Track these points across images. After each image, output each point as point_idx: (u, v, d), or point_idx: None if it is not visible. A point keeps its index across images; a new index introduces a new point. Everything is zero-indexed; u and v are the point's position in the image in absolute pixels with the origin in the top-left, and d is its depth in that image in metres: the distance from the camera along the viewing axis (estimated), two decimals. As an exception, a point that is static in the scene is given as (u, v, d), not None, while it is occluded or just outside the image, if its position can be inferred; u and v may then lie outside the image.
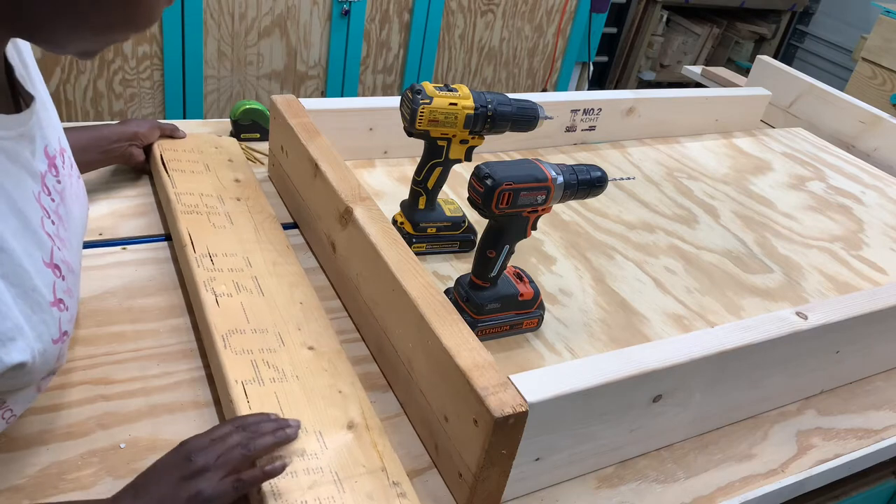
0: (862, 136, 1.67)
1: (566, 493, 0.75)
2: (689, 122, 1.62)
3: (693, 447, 0.83)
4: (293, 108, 1.09)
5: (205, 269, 0.86)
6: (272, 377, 0.75)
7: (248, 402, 0.71)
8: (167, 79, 2.03)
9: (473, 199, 0.82)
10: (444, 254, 1.06)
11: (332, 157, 0.97)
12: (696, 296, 1.08)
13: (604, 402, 0.71)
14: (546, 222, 1.18)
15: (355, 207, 0.88)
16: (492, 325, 0.90)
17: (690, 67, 2.04)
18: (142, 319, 0.85)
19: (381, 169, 1.26)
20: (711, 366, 0.77)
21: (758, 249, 1.23)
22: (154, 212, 1.04)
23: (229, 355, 0.75)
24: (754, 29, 3.83)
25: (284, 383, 0.74)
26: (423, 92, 0.93)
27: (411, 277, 0.77)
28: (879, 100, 2.79)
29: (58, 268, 0.62)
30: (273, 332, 0.81)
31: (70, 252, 0.66)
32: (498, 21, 2.50)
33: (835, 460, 0.85)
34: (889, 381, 1.00)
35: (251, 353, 0.77)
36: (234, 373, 0.74)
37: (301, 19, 2.14)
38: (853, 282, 1.19)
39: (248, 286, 0.86)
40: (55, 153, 0.67)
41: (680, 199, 1.35)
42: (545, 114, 0.99)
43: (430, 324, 0.71)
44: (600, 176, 0.86)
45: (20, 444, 0.68)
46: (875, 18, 2.83)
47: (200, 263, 0.87)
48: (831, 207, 1.42)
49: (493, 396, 0.64)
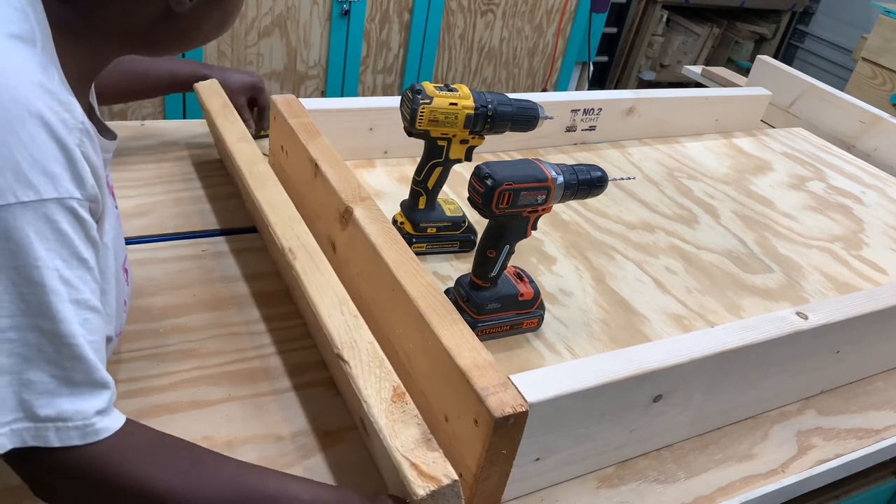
0: (862, 136, 1.67)
1: (566, 493, 0.75)
2: (689, 122, 1.62)
3: (693, 447, 0.83)
4: (293, 108, 1.09)
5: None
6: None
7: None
8: (167, 79, 2.03)
9: (473, 199, 0.82)
10: (444, 254, 1.06)
11: (332, 157, 0.97)
12: (697, 296, 1.08)
13: (604, 402, 0.71)
14: (546, 222, 1.18)
15: (355, 207, 0.88)
16: (492, 325, 0.90)
17: (690, 67, 2.04)
18: (142, 319, 0.85)
19: (381, 169, 1.26)
20: (711, 366, 0.77)
21: (758, 249, 1.23)
22: (154, 212, 1.04)
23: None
24: (754, 29, 3.83)
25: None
26: (423, 92, 0.93)
27: (411, 277, 0.77)
28: (879, 100, 2.79)
29: (126, 272, 0.69)
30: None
31: (128, 265, 0.73)
32: (498, 21, 2.50)
33: (835, 460, 0.85)
34: (889, 381, 1.00)
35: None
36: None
37: (301, 19, 2.14)
38: (853, 282, 1.18)
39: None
40: (111, 185, 0.72)
41: (680, 199, 1.35)
42: (545, 114, 0.99)
43: (430, 324, 0.71)
44: (600, 176, 0.86)
45: (20, 445, 0.68)
46: (875, 18, 2.83)
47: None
48: (831, 207, 1.42)
49: (494, 396, 0.64)
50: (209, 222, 1.05)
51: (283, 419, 0.76)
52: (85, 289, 0.53)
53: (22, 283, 0.50)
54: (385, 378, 0.68)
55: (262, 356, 0.84)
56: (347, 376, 0.68)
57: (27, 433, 0.51)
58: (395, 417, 0.64)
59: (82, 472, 0.53)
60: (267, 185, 0.93)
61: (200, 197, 1.10)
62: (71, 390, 0.52)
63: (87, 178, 0.54)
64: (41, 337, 0.51)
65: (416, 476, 0.60)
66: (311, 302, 0.75)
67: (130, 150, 1.18)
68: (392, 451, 0.61)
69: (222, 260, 0.97)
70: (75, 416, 0.52)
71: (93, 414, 0.53)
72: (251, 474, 0.60)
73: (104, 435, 0.53)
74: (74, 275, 0.52)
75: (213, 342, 0.84)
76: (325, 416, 0.78)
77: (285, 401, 0.79)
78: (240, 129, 1.04)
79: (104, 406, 0.54)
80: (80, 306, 0.52)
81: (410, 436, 0.63)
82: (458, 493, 0.60)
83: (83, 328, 0.52)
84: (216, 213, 1.07)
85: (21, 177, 0.49)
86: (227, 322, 0.87)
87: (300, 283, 0.78)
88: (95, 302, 0.54)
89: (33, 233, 0.50)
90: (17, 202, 0.49)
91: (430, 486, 0.59)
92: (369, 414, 0.64)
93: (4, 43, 0.53)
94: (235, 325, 0.87)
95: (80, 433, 0.52)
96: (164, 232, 1.00)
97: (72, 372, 0.52)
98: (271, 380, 0.81)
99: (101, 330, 0.55)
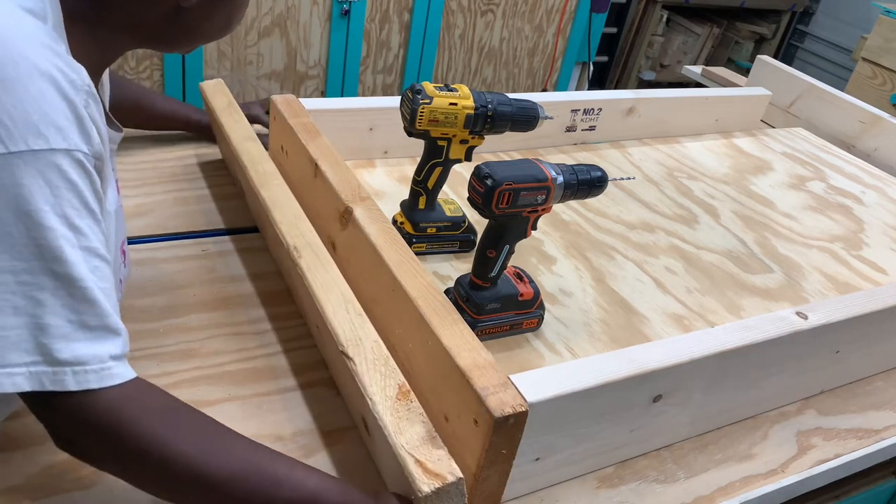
0: (862, 136, 1.67)
1: (566, 493, 0.75)
2: (689, 122, 1.62)
3: (693, 447, 0.83)
4: (293, 107, 1.09)
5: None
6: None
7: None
8: (167, 79, 2.03)
9: (473, 199, 0.82)
10: (444, 254, 1.06)
11: (332, 157, 0.97)
12: (697, 296, 1.08)
13: (604, 402, 0.71)
14: (546, 222, 1.18)
15: (355, 207, 0.88)
16: (492, 325, 0.90)
17: (690, 67, 2.04)
18: (142, 319, 0.85)
19: (381, 169, 1.26)
20: (711, 366, 0.77)
21: (758, 249, 1.23)
22: (154, 212, 1.04)
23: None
24: (754, 29, 3.83)
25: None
26: (423, 92, 0.93)
27: (411, 277, 0.77)
28: (879, 100, 2.79)
29: (124, 254, 0.71)
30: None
31: (126, 248, 0.74)
32: (498, 21, 2.50)
33: (835, 460, 0.85)
34: (889, 381, 1.00)
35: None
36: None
37: (301, 19, 2.13)
38: (853, 282, 1.19)
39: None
40: (117, 177, 0.74)
41: (680, 199, 1.35)
42: (545, 114, 0.99)
43: (430, 324, 0.71)
44: (600, 176, 0.86)
45: (20, 444, 0.68)
46: (875, 18, 2.83)
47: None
48: (831, 207, 1.42)
49: (494, 396, 0.64)
50: (209, 222, 1.05)
51: (283, 419, 0.76)
52: (94, 237, 0.54)
53: (34, 228, 0.51)
54: (390, 376, 0.68)
55: (263, 356, 0.84)
56: (352, 374, 0.68)
57: (45, 377, 0.52)
58: (401, 415, 0.64)
59: (99, 420, 0.54)
60: (272, 183, 0.93)
61: (201, 197, 1.10)
62: (86, 335, 0.53)
63: (94, 136, 0.55)
64: (55, 280, 0.52)
65: (422, 473, 0.60)
66: (315, 299, 0.75)
67: (131, 150, 1.18)
68: (397, 449, 0.61)
69: (222, 260, 0.97)
70: (92, 360, 0.53)
71: (108, 358, 0.54)
72: (262, 455, 0.61)
73: (120, 380, 0.54)
74: (84, 223, 0.54)
75: (213, 342, 0.84)
76: (326, 416, 0.78)
77: (286, 400, 0.79)
78: (245, 128, 1.04)
79: (119, 352, 0.55)
80: (90, 253, 0.54)
81: (416, 433, 0.63)
82: (462, 492, 0.61)
83: (94, 275, 0.53)
84: (216, 212, 1.07)
85: (32, 127, 0.51)
86: (227, 322, 0.87)
87: (305, 281, 0.78)
88: (104, 251, 0.55)
89: (43, 180, 0.51)
90: (27, 150, 0.51)
91: (434, 484, 0.59)
92: (374, 411, 0.64)
93: (15, 11, 0.55)
94: (235, 325, 0.87)
95: (98, 376, 0.53)
96: (165, 232, 1.00)
97: (86, 316, 0.53)
98: (272, 379, 0.81)
99: (110, 278, 0.56)
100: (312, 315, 0.77)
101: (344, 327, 0.72)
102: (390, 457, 0.62)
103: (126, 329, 0.56)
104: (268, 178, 0.94)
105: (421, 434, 0.63)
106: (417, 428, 0.63)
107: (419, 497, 0.58)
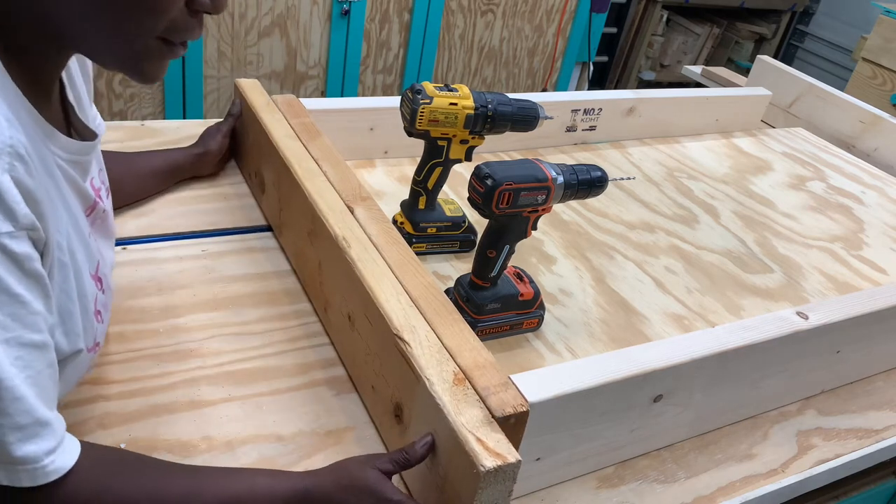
0: (862, 136, 1.67)
1: (566, 493, 0.75)
2: (689, 122, 1.62)
3: (693, 447, 0.83)
4: (293, 108, 1.09)
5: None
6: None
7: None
8: (167, 79, 2.03)
9: (473, 199, 0.82)
10: (444, 254, 1.06)
11: (332, 157, 0.97)
12: (697, 296, 1.08)
13: (604, 402, 0.71)
14: (546, 222, 1.18)
15: (355, 207, 0.88)
16: (492, 325, 0.90)
17: (690, 67, 2.04)
18: (142, 319, 0.85)
19: (381, 169, 1.26)
20: (712, 366, 0.77)
21: (758, 249, 1.23)
22: (154, 212, 1.04)
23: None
24: (754, 29, 3.83)
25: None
26: (423, 92, 0.93)
27: (411, 277, 0.77)
28: (879, 100, 2.79)
29: (100, 281, 0.66)
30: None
31: (106, 270, 0.70)
32: (498, 21, 2.50)
33: (835, 460, 0.85)
34: (889, 381, 1.00)
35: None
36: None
37: (301, 19, 2.13)
38: (853, 282, 1.19)
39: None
40: (100, 186, 0.70)
41: (680, 199, 1.35)
42: (545, 114, 0.99)
43: (430, 323, 0.72)
44: (600, 176, 0.86)
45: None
46: (875, 18, 2.83)
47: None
48: (831, 207, 1.42)
49: (494, 396, 0.64)
50: (209, 222, 1.04)
51: (283, 419, 0.76)
52: (15, 325, 0.50)
53: None
54: (445, 363, 0.68)
55: (263, 356, 0.84)
56: (405, 357, 0.68)
57: (4, 474, 0.51)
58: (458, 398, 0.64)
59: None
60: (315, 179, 0.93)
61: (201, 197, 1.10)
62: (18, 435, 0.51)
63: (19, 207, 0.49)
64: None
65: (483, 450, 0.60)
66: (367, 287, 0.75)
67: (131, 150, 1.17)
68: (458, 427, 0.61)
69: (222, 260, 0.97)
70: (30, 461, 0.51)
71: (43, 455, 0.52)
72: (203, 476, 0.63)
73: (61, 472, 0.53)
74: (3, 314, 0.49)
75: (213, 342, 0.84)
76: (326, 416, 0.78)
77: (285, 401, 0.79)
78: (285, 127, 1.03)
79: (53, 445, 0.53)
80: (10, 345, 0.50)
81: (474, 415, 0.63)
82: (514, 477, 0.61)
83: (14, 367, 0.50)
84: (216, 212, 1.07)
85: None
86: (227, 322, 0.87)
87: (356, 269, 0.78)
88: (31, 336, 0.51)
89: None
90: None
91: (496, 461, 0.59)
92: (432, 390, 0.64)
93: None
94: (235, 325, 0.87)
95: (44, 473, 0.52)
96: (164, 232, 1.00)
97: (16, 417, 0.50)
98: (271, 380, 0.81)
99: (42, 361, 0.53)
100: (361, 302, 0.77)
101: (398, 314, 0.72)
102: (446, 438, 0.63)
103: (59, 417, 0.54)
104: (312, 174, 0.94)
105: (479, 417, 0.63)
106: (476, 411, 0.63)
107: (479, 472, 0.58)
